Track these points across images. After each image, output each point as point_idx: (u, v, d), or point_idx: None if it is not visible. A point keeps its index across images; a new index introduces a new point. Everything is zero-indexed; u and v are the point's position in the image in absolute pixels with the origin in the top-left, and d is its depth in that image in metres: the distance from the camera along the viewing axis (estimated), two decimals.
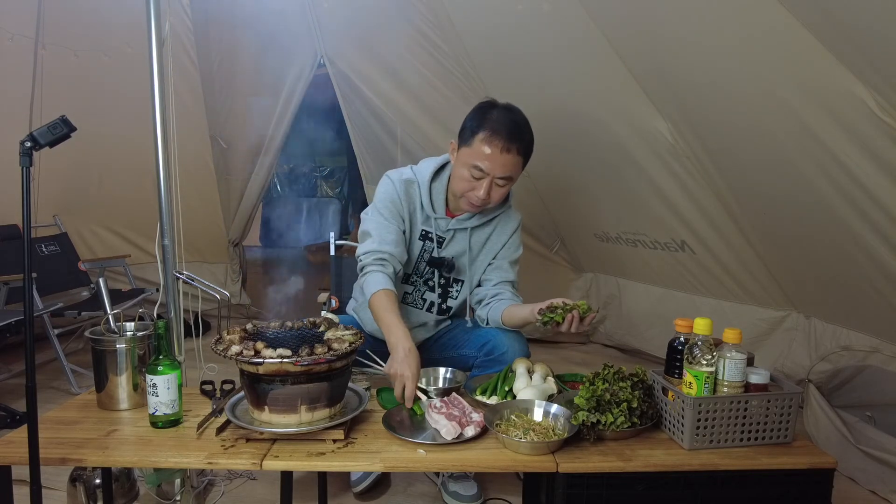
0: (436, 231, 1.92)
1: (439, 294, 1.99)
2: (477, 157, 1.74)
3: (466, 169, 1.76)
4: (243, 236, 4.34)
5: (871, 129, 1.68)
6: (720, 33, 1.94)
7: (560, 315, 1.61)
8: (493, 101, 1.83)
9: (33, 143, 1.24)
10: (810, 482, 1.31)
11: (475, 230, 1.94)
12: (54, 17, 3.28)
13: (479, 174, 1.75)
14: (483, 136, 1.73)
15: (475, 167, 1.74)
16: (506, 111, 1.78)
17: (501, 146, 1.71)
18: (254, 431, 1.35)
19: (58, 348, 3.08)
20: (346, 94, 3.49)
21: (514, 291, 1.95)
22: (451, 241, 1.94)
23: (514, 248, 1.98)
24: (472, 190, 1.78)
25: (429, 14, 3.00)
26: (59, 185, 3.71)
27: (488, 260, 1.97)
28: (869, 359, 2.32)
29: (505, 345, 1.82)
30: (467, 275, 1.97)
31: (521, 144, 1.75)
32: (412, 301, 2.00)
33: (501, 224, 1.97)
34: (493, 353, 1.83)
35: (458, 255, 1.94)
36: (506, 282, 1.94)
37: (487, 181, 1.76)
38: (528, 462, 1.30)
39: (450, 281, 1.98)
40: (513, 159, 1.74)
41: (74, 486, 1.84)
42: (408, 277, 1.98)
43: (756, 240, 2.57)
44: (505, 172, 1.75)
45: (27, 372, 1.25)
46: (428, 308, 2.00)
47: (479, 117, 1.76)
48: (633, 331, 3.52)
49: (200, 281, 1.88)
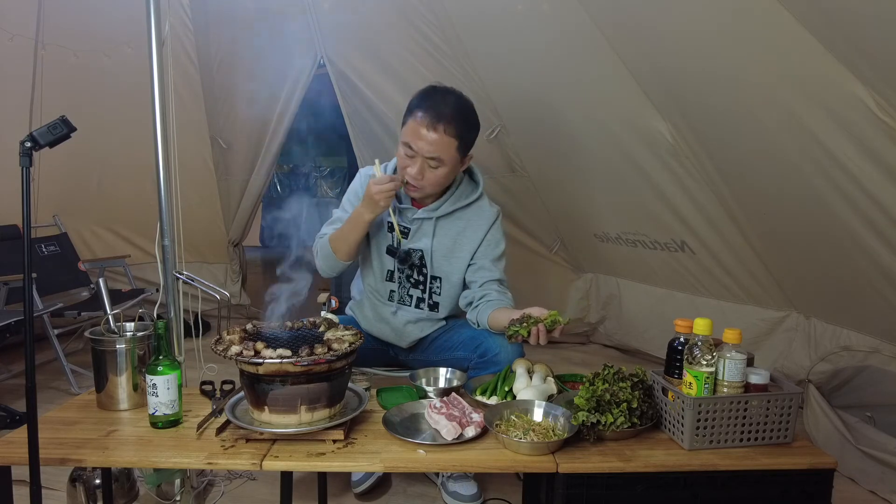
0: (401, 221, 1.94)
1: (422, 290, 1.99)
2: (408, 135, 1.80)
3: (402, 147, 1.83)
4: (243, 236, 4.34)
5: (871, 130, 1.68)
6: (720, 34, 1.94)
7: (525, 329, 1.59)
8: (436, 84, 1.88)
9: (33, 143, 1.24)
10: (810, 482, 1.31)
11: (441, 221, 1.93)
12: (54, 17, 3.28)
13: (410, 153, 1.81)
14: (415, 115, 1.80)
15: (406, 144, 1.81)
16: (443, 93, 1.83)
17: (427, 125, 1.76)
18: (254, 432, 1.35)
19: (58, 348, 3.08)
20: (346, 94, 3.49)
21: (502, 289, 1.93)
22: (418, 232, 1.94)
23: (493, 244, 1.96)
24: (407, 167, 1.82)
25: (429, 14, 3.00)
26: (59, 185, 3.71)
27: (467, 259, 1.95)
28: (869, 359, 2.32)
29: (497, 346, 1.81)
30: (445, 272, 1.95)
31: (451, 125, 1.77)
32: (400, 298, 2.01)
33: (474, 218, 1.96)
34: (486, 354, 1.83)
35: (426, 248, 1.94)
36: (491, 281, 1.93)
37: (420, 161, 1.80)
38: (528, 462, 1.30)
39: (427, 277, 1.97)
40: (440, 139, 1.77)
41: (74, 487, 1.84)
42: (391, 275, 1.99)
43: (756, 240, 2.57)
44: (432, 152, 1.78)
45: (27, 372, 1.24)
46: (416, 305, 2.00)
47: (418, 98, 1.83)
48: (633, 331, 3.52)
49: (200, 281, 1.89)
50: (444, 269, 1.96)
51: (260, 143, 3.83)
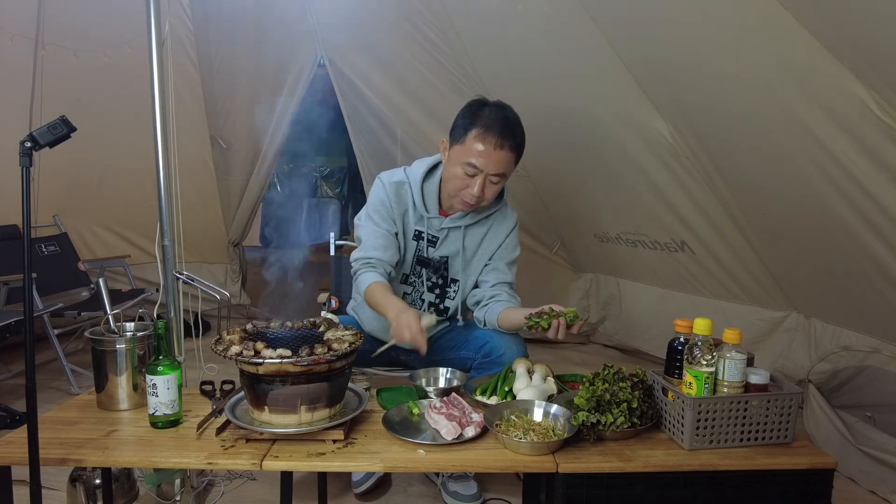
0: (429, 230, 1.92)
1: (437, 294, 1.99)
2: (470, 154, 1.74)
3: (460, 167, 1.77)
4: (243, 236, 4.34)
5: (871, 130, 1.68)
6: (720, 34, 1.94)
7: (546, 321, 1.60)
8: (484, 98, 1.84)
9: (33, 143, 1.24)
10: (810, 482, 1.31)
11: (469, 228, 1.94)
12: (54, 17, 3.28)
13: (472, 171, 1.76)
14: (475, 133, 1.74)
15: (469, 164, 1.75)
16: (497, 108, 1.79)
17: (494, 143, 1.73)
18: (254, 432, 1.35)
19: (58, 348, 3.08)
20: (346, 94, 3.49)
21: (512, 292, 1.95)
22: (446, 241, 1.94)
23: (510, 248, 1.97)
24: (466, 188, 1.79)
25: (429, 14, 3.00)
26: (59, 185, 3.70)
27: (484, 261, 1.96)
28: (869, 359, 2.32)
29: (503, 346, 1.82)
30: (462, 275, 1.96)
31: (514, 141, 1.76)
32: (411, 302, 2.01)
33: (497, 223, 1.97)
34: (490, 354, 1.83)
35: (452, 254, 1.94)
36: (503, 283, 1.94)
37: (481, 178, 1.76)
38: (528, 462, 1.30)
39: (447, 281, 1.98)
40: (506, 156, 1.75)
41: (74, 487, 1.84)
42: (406, 278, 1.99)
43: (756, 240, 2.57)
44: (498, 169, 1.76)
45: (27, 372, 1.24)
46: (427, 309, 2.01)
47: (471, 115, 1.78)
48: (633, 331, 3.52)
49: (200, 281, 1.88)
50: (465, 272, 1.96)
51: (260, 143, 3.83)
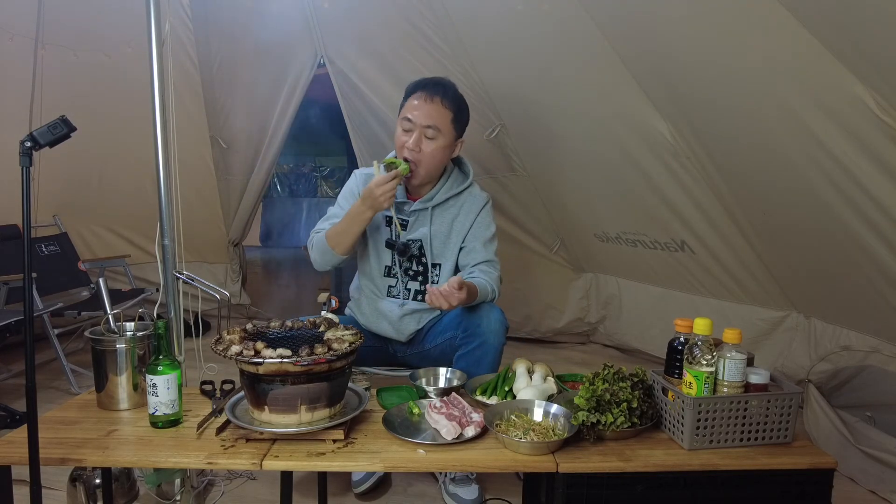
0: (398, 214, 2.00)
1: (420, 282, 2.04)
2: (406, 110, 1.94)
3: (400, 124, 1.95)
4: (243, 236, 4.34)
5: (871, 130, 1.68)
6: (719, 34, 1.94)
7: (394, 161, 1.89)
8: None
9: (33, 143, 1.24)
10: (810, 482, 1.31)
11: (437, 209, 2.01)
12: (54, 17, 3.28)
13: (408, 126, 1.92)
14: (412, 93, 1.96)
15: (405, 119, 1.93)
16: (437, 79, 1.99)
17: (425, 97, 1.92)
18: (254, 431, 1.35)
19: (58, 348, 3.07)
20: (346, 93, 3.49)
21: (489, 268, 1.99)
22: (416, 223, 2.01)
23: (483, 226, 2.04)
24: (405, 143, 1.92)
25: (429, 14, 3.00)
26: (59, 185, 3.71)
27: (459, 242, 2.02)
28: (869, 359, 2.32)
29: (479, 315, 1.87)
30: (442, 259, 2.02)
31: (445, 96, 1.93)
32: (397, 293, 2.05)
33: (467, 203, 2.04)
34: (469, 328, 1.88)
35: (425, 237, 2.01)
36: (481, 262, 2.00)
37: (417, 132, 1.91)
38: (528, 462, 1.30)
39: (427, 267, 2.02)
40: (437, 109, 1.91)
41: (74, 486, 1.84)
42: (388, 270, 2.03)
43: (756, 240, 2.57)
44: (430, 121, 1.90)
45: (27, 372, 1.24)
46: (414, 297, 2.04)
47: (413, 83, 1.99)
48: (633, 331, 3.52)
49: (200, 281, 1.88)
50: (443, 255, 2.02)
51: (260, 143, 3.83)
